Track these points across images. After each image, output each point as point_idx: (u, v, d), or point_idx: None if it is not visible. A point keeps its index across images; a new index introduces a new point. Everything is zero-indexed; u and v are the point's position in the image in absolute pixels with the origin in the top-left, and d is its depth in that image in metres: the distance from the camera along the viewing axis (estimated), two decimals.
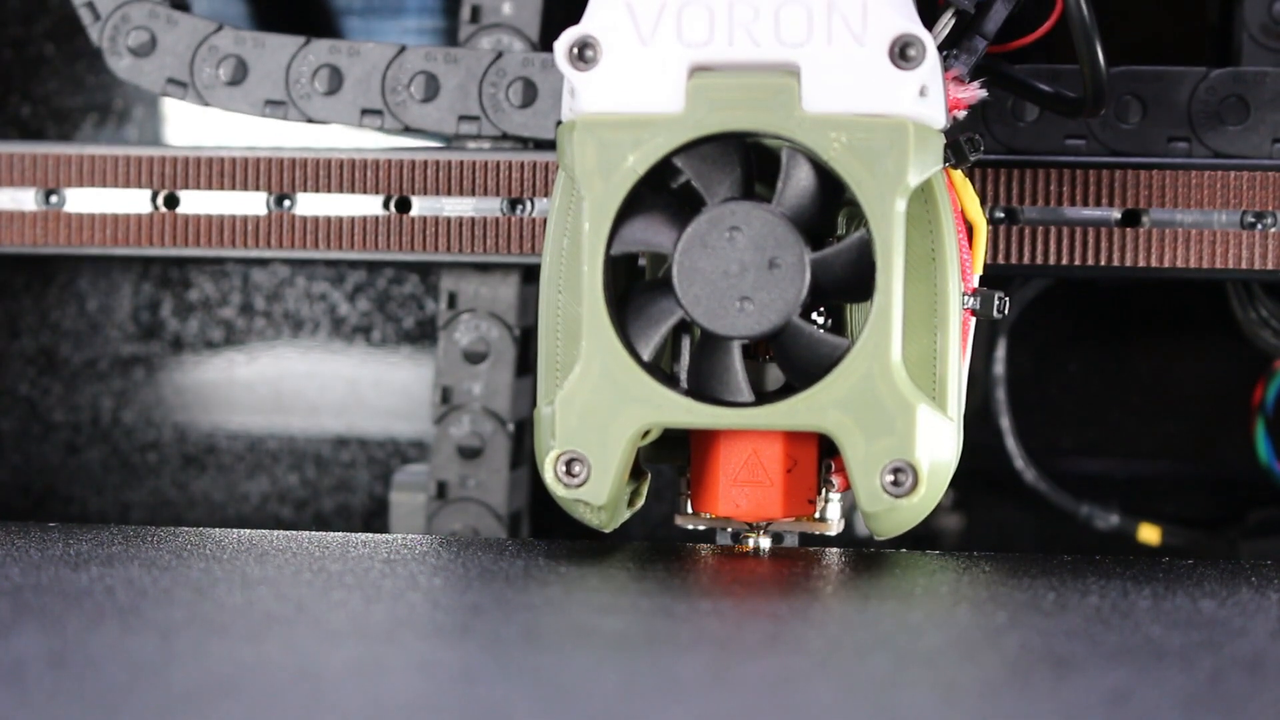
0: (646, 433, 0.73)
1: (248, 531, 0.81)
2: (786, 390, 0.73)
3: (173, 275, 1.03)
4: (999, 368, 0.98)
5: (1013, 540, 1.00)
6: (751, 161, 0.72)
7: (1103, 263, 0.84)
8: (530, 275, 0.91)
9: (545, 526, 0.99)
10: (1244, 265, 0.84)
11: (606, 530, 0.75)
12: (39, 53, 1.02)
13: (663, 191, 0.73)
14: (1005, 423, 0.98)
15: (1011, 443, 0.98)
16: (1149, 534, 0.97)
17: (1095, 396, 1.00)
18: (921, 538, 1.00)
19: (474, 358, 0.91)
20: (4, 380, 1.04)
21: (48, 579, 0.70)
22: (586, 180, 0.72)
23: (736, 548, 0.78)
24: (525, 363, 0.92)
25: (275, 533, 0.81)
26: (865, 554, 0.80)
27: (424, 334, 1.02)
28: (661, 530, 1.02)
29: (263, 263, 1.02)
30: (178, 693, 0.57)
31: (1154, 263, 0.84)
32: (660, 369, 0.73)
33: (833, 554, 0.80)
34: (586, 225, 0.72)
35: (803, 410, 0.71)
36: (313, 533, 0.83)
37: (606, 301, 0.72)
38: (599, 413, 0.72)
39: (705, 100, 0.71)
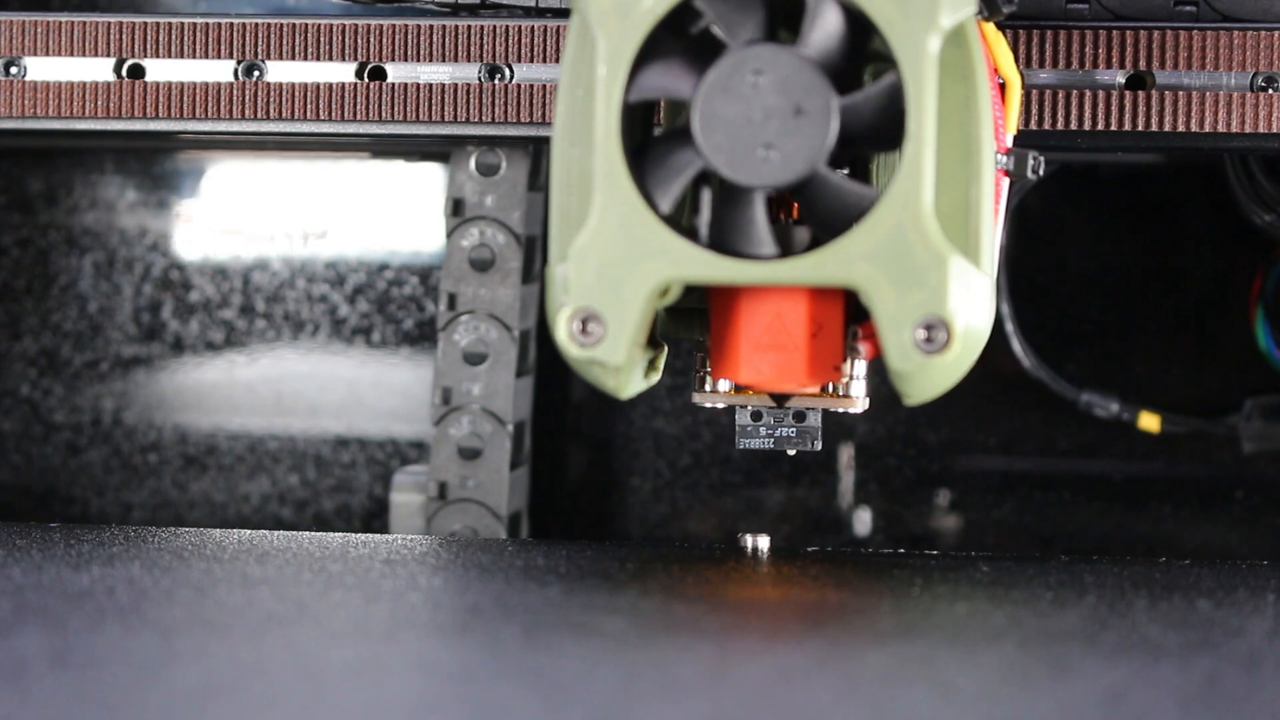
0: (664, 293, 0.69)
1: (248, 532, 0.82)
2: (812, 249, 0.68)
3: (174, 277, 1.03)
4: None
5: (1011, 540, 1.00)
6: (775, 5, 0.69)
7: (1110, 127, 0.82)
8: (530, 276, 0.91)
9: (544, 527, 0.99)
10: (1253, 128, 0.81)
11: (621, 397, 0.70)
12: None
13: (681, 36, 0.69)
14: (1005, 308, 0.97)
15: (1010, 327, 0.97)
16: (1149, 422, 0.96)
17: (1095, 284, 0.99)
18: (920, 538, 1.00)
19: (473, 359, 0.91)
20: (5, 381, 1.04)
21: (49, 579, 0.70)
22: (602, 22, 0.68)
23: (736, 549, 0.78)
24: (525, 364, 0.92)
25: (275, 533, 0.81)
26: (863, 554, 0.81)
27: (424, 335, 1.03)
28: (661, 530, 1.02)
29: (232, 145, 0.99)
30: (179, 692, 0.57)
31: (1161, 126, 0.82)
32: (679, 223, 0.69)
33: (831, 555, 0.80)
34: (602, 69, 0.68)
35: (830, 263, 0.67)
36: (313, 533, 0.83)
37: (624, 151, 0.68)
38: (616, 267, 0.67)
39: None
